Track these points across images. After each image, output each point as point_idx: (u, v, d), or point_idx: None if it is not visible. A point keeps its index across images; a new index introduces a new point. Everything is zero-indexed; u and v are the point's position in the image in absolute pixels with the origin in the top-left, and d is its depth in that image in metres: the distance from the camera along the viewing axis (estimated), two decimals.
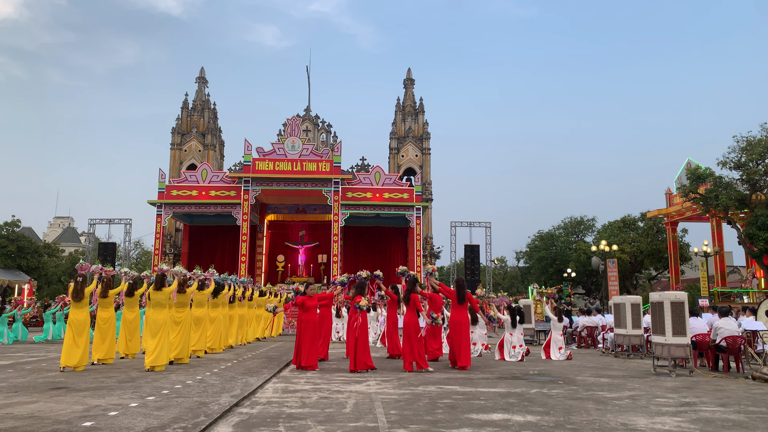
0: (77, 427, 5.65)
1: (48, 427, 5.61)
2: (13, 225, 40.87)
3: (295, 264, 37.24)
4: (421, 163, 40.59)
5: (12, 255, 38.96)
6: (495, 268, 59.49)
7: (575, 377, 10.44)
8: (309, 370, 11.07)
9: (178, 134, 41.53)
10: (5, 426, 5.64)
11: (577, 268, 42.70)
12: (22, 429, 5.53)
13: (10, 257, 38.83)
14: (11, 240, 39.31)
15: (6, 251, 38.67)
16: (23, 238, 40.75)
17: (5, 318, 19.28)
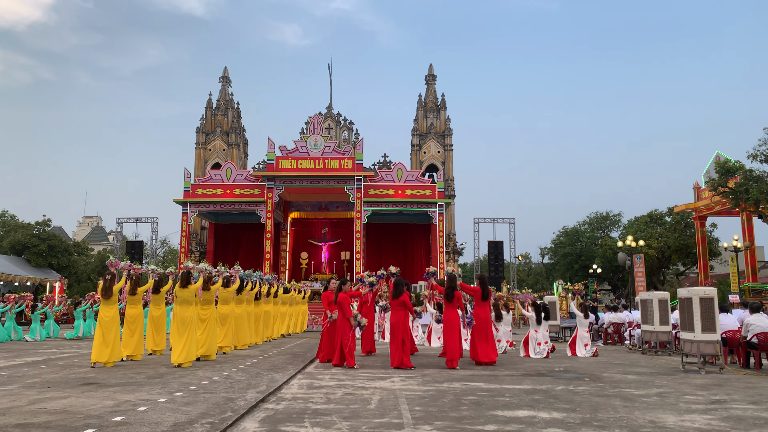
0: (108, 421, 5.77)
1: (80, 422, 5.73)
2: (44, 224, 41.80)
3: (319, 261, 37.45)
4: (444, 160, 40.45)
5: (43, 254, 39.86)
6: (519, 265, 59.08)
7: (601, 374, 10.33)
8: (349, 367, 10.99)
9: (202, 133, 42.04)
10: (39, 420, 5.79)
11: (603, 264, 42.16)
12: (55, 423, 5.67)
13: (41, 256, 39.73)
14: (42, 239, 40.22)
15: (38, 250, 39.58)
16: (54, 237, 41.65)
17: (38, 315, 19.75)
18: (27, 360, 12.00)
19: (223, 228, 37.67)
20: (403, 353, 10.96)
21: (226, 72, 44.64)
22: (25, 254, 39.46)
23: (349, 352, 11.02)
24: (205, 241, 39.39)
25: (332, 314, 11.67)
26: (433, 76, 43.35)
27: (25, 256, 39.42)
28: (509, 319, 15.88)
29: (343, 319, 11.34)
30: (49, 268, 39.98)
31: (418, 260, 37.06)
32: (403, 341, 11.12)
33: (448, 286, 11.62)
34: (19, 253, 39.56)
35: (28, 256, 39.37)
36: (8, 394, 7.37)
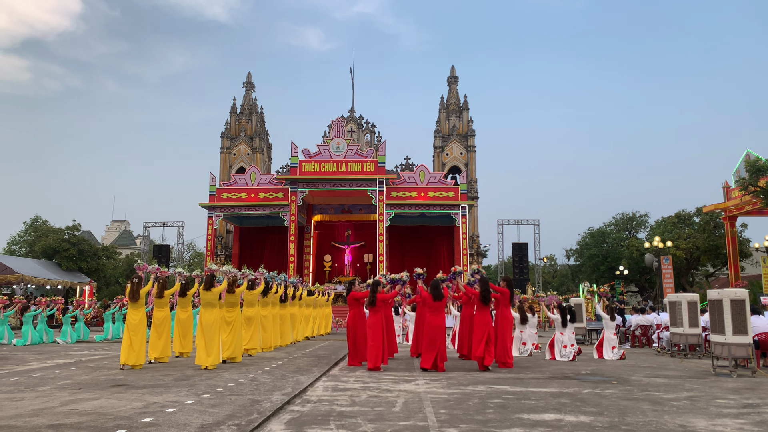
0: (137, 422, 5.87)
1: (110, 423, 5.84)
2: (74, 229, 42.66)
3: (342, 264, 37.57)
4: (466, 161, 40.27)
5: (73, 258, 40.68)
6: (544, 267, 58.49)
7: (629, 377, 10.17)
8: (376, 370, 10.99)
9: (227, 138, 42.53)
10: (71, 421, 5.91)
11: (630, 265, 41.52)
12: (87, 424, 5.78)
13: (71, 260, 40.56)
14: (72, 243, 41.05)
15: (68, 254, 40.42)
16: (83, 241, 42.49)
17: (68, 318, 20.17)
18: (59, 362, 12.26)
19: (248, 231, 38.03)
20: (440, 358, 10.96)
21: (250, 77, 45.10)
22: (56, 258, 40.33)
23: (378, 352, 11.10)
24: (230, 244, 39.81)
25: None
26: (455, 78, 43.22)
27: (56, 260, 40.28)
28: (534, 322, 15.75)
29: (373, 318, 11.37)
30: (78, 272, 40.80)
31: (441, 262, 36.91)
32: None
33: (485, 289, 11.54)
34: (50, 257, 40.45)
35: (59, 260, 40.22)
36: (41, 395, 7.54)
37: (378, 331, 11.28)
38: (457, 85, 43.05)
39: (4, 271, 32.05)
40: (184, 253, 46.39)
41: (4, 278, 31.37)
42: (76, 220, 43.58)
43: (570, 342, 13.78)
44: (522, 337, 15.02)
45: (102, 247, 48.33)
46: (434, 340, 11.01)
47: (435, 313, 11.33)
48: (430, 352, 10.93)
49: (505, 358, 11.71)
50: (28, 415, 6.20)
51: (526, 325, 15.20)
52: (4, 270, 32.33)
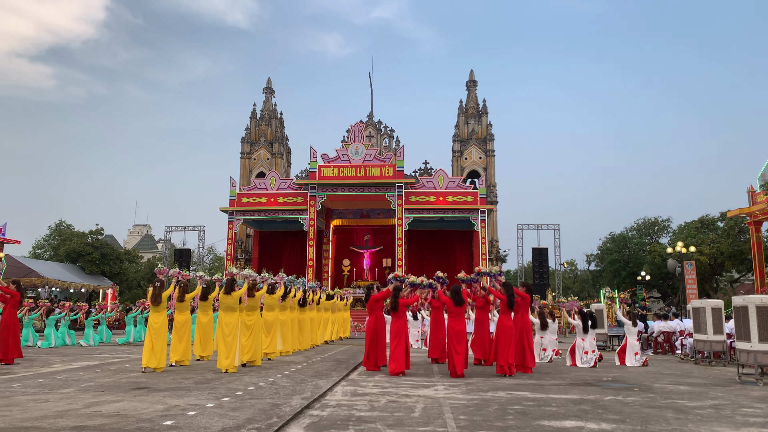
0: (159, 425, 5.93)
1: (132, 425, 5.91)
2: (97, 233, 43.36)
3: (361, 268, 37.62)
4: (485, 166, 40.12)
5: (96, 261, 41.33)
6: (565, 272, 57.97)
7: (652, 384, 10.02)
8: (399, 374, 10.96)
9: (247, 143, 42.91)
10: (94, 423, 5.99)
11: (652, 270, 40.96)
12: (110, 426, 5.86)
13: (94, 264, 41.20)
14: (96, 247, 41.72)
15: (91, 258, 41.08)
16: (106, 245, 43.16)
17: (91, 321, 20.49)
18: (82, 364, 12.44)
19: (267, 235, 38.28)
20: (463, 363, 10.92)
21: (270, 83, 45.48)
22: (80, 262, 40.99)
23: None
24: (250, 248, 40.10)
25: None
26: (474, 82, 43.13)
27: (80, 264, 40.95)
28: (555, 328, 15.60)
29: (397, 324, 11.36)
30: (101, 276, 41.41)
31: (460, 267, 36.57)
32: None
33: (510, 294, 11.48)
34: (74, 261, 41.13)
35: (83, 264, 40.88)
36: (65, 397, 7.66)
37: (402, 336, 11.26)
38: (476, 89, 42.96)
39: (29, 275, 32.63)
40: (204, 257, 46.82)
41: (30, 281, 31.94)
42: (99, 225, 44.26)
43: (591, 348, 13.63)
44: (542, 343, 14.89)
45: (124, 251, 49.08)
46: (460, 344, 10.96)
47: (456, 318, 11.28)
48: (459, 357, 10.85)
49: (525, 362, 11.63)
50: (53, 417, 6.29)
51: (546, 330, 15.07)
52: (30, 273, 32.93)
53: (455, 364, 10.76)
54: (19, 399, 7.51)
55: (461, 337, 11.05)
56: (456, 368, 10.73)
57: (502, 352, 11.05)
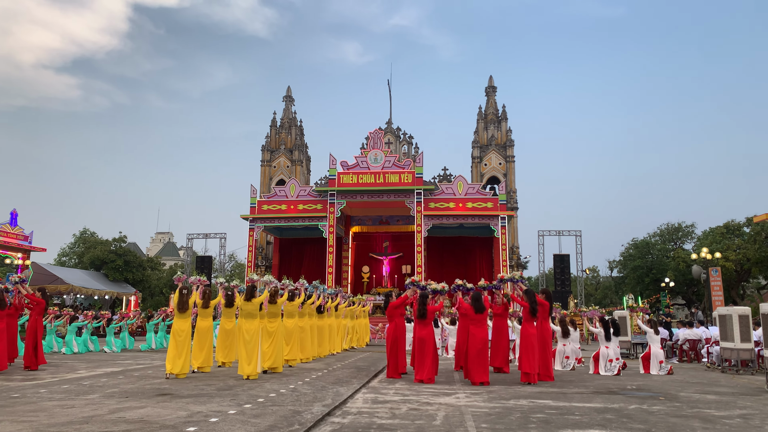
0: (182, 431, 5.97)
1: (156, 431, 5.97)
2: (120, 241, 43.98)
3: (380, 275, 37.59)
4: (505, 172, 39.92)
5: (120, 269, 41.91)
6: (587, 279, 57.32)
7: (678, 393, 9.84)
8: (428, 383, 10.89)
9: (267, 151, 43.28)
10: (119, 429, 6.06)
11: (676, 277, 40.30)
12: None
13: (118, 271, 41.78)
14: (119, 255, 42.32)
15: (114, 265, 41.67)
16: (129, 252, 43.74)
17: (112, 328, 20.76)
18: (106, 370, 12.61)
19: (287, 242, 38.48)
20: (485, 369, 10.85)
21: (290, 91, 45.85)
22: (104, 269, 41.61)
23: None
24: (270, 255, 40.34)
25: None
26: (494, 88, 43.01)
27: (104, 271, 41.56)
28: (576, 336, 15.43)
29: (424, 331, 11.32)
30: (125, 283, 41.98)
31: (480, 274, 36.51)
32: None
33: (532, 301, 11.41)
34: (98, 268, 41.76)
35: (106, 271, 41.48)
36: (90, 403, 7.76)
37: (429, 344, 11.20)
38: (495, 95, 42.84)
39: (55, 282, 33.22)
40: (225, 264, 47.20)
41: (55, 288, 32.51)
42: (122, 232, 44.92)
43: (615, 356, 13.44)
44: (565, 351, 14.72)
45: (147, 259, 49.69)
46: (480, 353, 10.88)
47: (478, 325, 11.20)
48: (479, 366, 10.76)
49: (546, 370, 11.52)
50: (78, 422, 6.38)
51: (568, 338, 14.90)
52: (55, 280, 33.51)
53: (477, 371, 10.69)
54: (46, 405, 7.63)
55: (483, 345, 10.98)
56: (478, 375, 10.65)
57: (526, 360, 10.95)
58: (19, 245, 34.80)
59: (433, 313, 11.62)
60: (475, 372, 10.76)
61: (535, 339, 11.20)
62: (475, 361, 10.80)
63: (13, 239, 34.32)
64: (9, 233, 34.03)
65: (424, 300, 11.56)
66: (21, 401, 7.93)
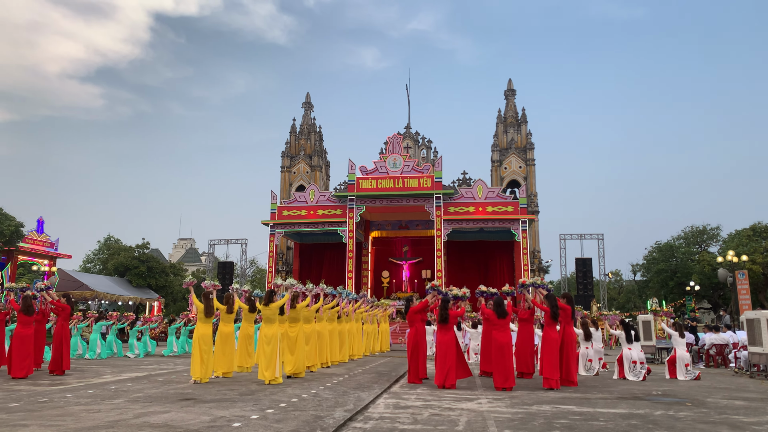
0: None
1: None
2: (143, 247, 44.59)
3: (400, 280, 37.57)
4: (526, 175, 39.67)
5: (143, 275, 42.47)
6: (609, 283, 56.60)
7: (705, 399, 9.66)
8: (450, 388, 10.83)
9: (287, 157, 43.58)
10: None
11: (701, 280, 39.61)
12: None
13: (141, 277, 42.35)
14: (142, 261, 42.90)
15: (138, 271, 42.25)
16: (152, 259, 44.32)
17: (135, 332, 21.04)
18: (131, 375, 12.76)
19: (307, 248, 38.67)
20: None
21: (309, 97, 46.14)
22: (127, 275, 42.20)
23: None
24: (291, 260, 40.56)
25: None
26: (513, 91, 42.82)
27: (127, 277, 42.15)
28: (599, 336, 15.25)
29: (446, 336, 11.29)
30: (148, 288, 42.52)
31: (501, 278, 36.34)
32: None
33: (553, 305, 11.31)
34: (121, 274, 42.37)
35: (130, 277, 42.07)
36: (116, 408, 7.86)
37: (452, 348, 11.16)
38: (514, 98, 42.65)
39: (80, 288, 33.77)
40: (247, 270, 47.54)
41: (81, 294, 33.04)
42: (145, 239, 45.66)
43: (640, 359, 13.24)
44: (588, 354, 14.55)
45: (169, 265, 50.27)
46: (504, 357, 10.80)
47: (501, 330, 11.12)
48: (502, 370, 10.69)
49: (569, 376, 11.40)
50: (104, 427, 6.47)
51: (590, 341, 14.73)
52: (81, 286, 34.07)
53: (500, 376, 10.61)
54: (73, 409, 7.75)
55: (506, 350, 10.89)
56: (501, 381, 10.57)
57: (548, 365, 10.84)
58: (45, 252, 35.48)
59: (454, 318, 11.58)
60: (497, 376, 10.70)
61: (556, 344, 11.09)
62: (499, 365, 10.73)
63: (40, 246, 35.01)
64: (36, 240, 34.72)
65: (445, 305, 11.54)
66: (48, 406, 8.06)
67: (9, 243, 31.86)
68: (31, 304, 12.72)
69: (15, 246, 32.45)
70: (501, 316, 11.13)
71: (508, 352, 10.90)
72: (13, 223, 31.94)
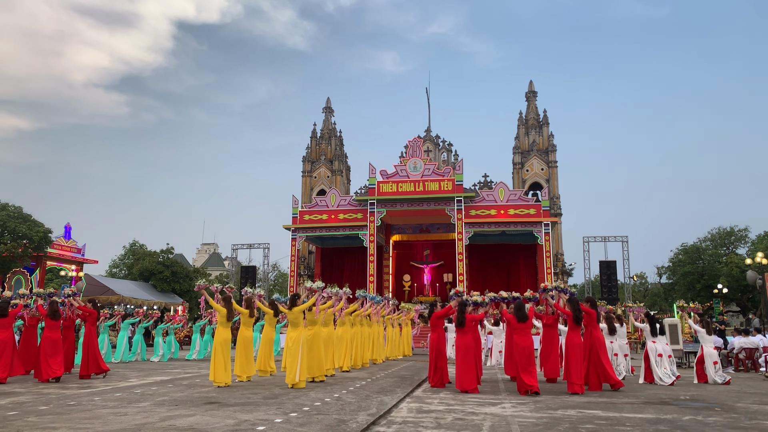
0: None
1: None
2: (168, 252, 45.14)
3: (421, 283, 37.49)
4: (548, 177, 39.35)
5: (167, 279, 42.98)
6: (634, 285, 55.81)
7: (734, 404, 9.45)
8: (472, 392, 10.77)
9: (308, 162, 43.83)
10: None
11: (729, 283, 38.82)
12: None
13: (165, 281, 42.87)
14: (166, 266, 43.42)
15: (162, 276, 42.77)
16: (176, 263, 44.83)
17: (160, 329, 21.28)
18: (156, 379, 12.93)
19: (329, 252, 38.80)
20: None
21: (329, 102, 46.38)
22: (152, 280, 42.75)
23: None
24: (312, 264, 40.75)
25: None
26: (534, 93, 42.55)
27: (152, 282, 42.70)
28: (623, 332, 15.06)
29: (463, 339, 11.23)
30: (172, 293, 43.02)
31: (523, 282, 36.09)
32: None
33: (576, 309, 11.20)
34: (146, 279, 42.94)
35: (155, 282, 42.61)
36: (142, 411, 7.97)
37: (470, 352, 11.10)
38: (535, 100, 42.38)
39: (106, 292, 34.32)
40: (269, 274, 47.84)
41: (107, 299, 33.57)
42: (169, 244, 46.14)
43: (666, 352, 13.00)
44: (612, 348, 14.28)
45: (193, 269, 50.82)
46: (527, 360, 10.71)
47: (522, 334, 11.04)
48: (528, 374, 10.59)
49: (607, 378, 11.24)
50: (131, 430, 6.55)
51: (615, 335, 14.54)
52: (107, 291, 34.63)
53: (523, 380, 10.51)
54: (100, 412, 7.87)
55: (528, 354, 10.80)
56: (522, 384, 10.48)
57: (574, 370, 10.72)
58: (72, 257, 36.14)
59: (471, 322, 11.49)
60: (520, 379, 10.62)
61: (580, 348, 10.96)
62: (521, 368, 10.65)
63: (67, 252, 35.69)
64: (63, 246, 35.40)
65: (462, 308, 11.48)
66: (77, 409, 8.20)
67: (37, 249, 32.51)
68: (57, 309, 12.95)
69: (43, 252, 33.11)
70: (521, 320, 11.05)
71: (530, 355, 10.81)
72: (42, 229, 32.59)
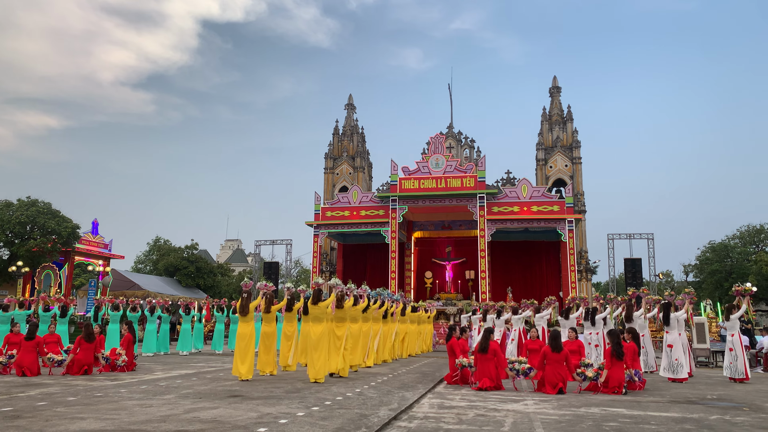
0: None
1: (229, 431, 6.16)
2: (192, 248, 45.75)
3: (443, 280, 37.36)
4: (572, 174, 38.90)
5: (192, 275, 43.58)
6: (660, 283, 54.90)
7: (763, 404, 9.26)
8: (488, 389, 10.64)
9: (330, 159, 43.97)
10: (194, 428, 6.29)
11: (759, 282, 38.02)
12: (208, 431, 6.13)
13: (190, 277, 43.47)
14: (191, 261, 44.03)
15: (187, 272, 43.38)
16: (201, 259, 45.43)
17: (189, 318, 21.56)
18: (180, 372, 13.12)
19: (350, 248, 38.90)
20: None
21: (351, 99, 46.44)
22: (177, 275, 43.39)
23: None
24: (334, 260, 40.91)
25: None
26: (558, 88, 42.07)
27: (177, 278, 43.33)
28: (645, 324, 14.89)
29: None
30: (196, 288, 43.62)
31: (546, 279, 35.79)
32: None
33: (617, 343, 10.90)
34: (171, 274, 43.59)
35: (179, 278, 43.24)
36: (167, 403, 8.10)
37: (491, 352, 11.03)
38: (559, 96, 41.89)
39: (132, 287, 34.92)
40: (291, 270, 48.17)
41: (132, 294, 34.14)
42: (194, 240, 46.92)
43: (677, 342, 12.78)
44: (666, 339, 14.08)
45: (217, 265, 51.46)
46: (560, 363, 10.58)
47: (555, 365, 10.50)
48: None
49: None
50: (156, 421, 6.67)
51: (631, 323, 14.36)
52: (133, 286, 35.23)
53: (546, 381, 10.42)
54: (127, 404, 8.02)
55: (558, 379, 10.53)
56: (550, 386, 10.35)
57: None
58: (100, 253, 36.84)
59: (493, 349, 11.23)
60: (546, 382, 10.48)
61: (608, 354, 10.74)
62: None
63: (95, 247, 36.37)
64: (91, 242, 36.10)
65: (487, 334, 11.34)
66: (104, 400, 8.37)
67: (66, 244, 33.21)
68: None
69: (72, 247, 33.81)
70: (556, 349, 10.64)
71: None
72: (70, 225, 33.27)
